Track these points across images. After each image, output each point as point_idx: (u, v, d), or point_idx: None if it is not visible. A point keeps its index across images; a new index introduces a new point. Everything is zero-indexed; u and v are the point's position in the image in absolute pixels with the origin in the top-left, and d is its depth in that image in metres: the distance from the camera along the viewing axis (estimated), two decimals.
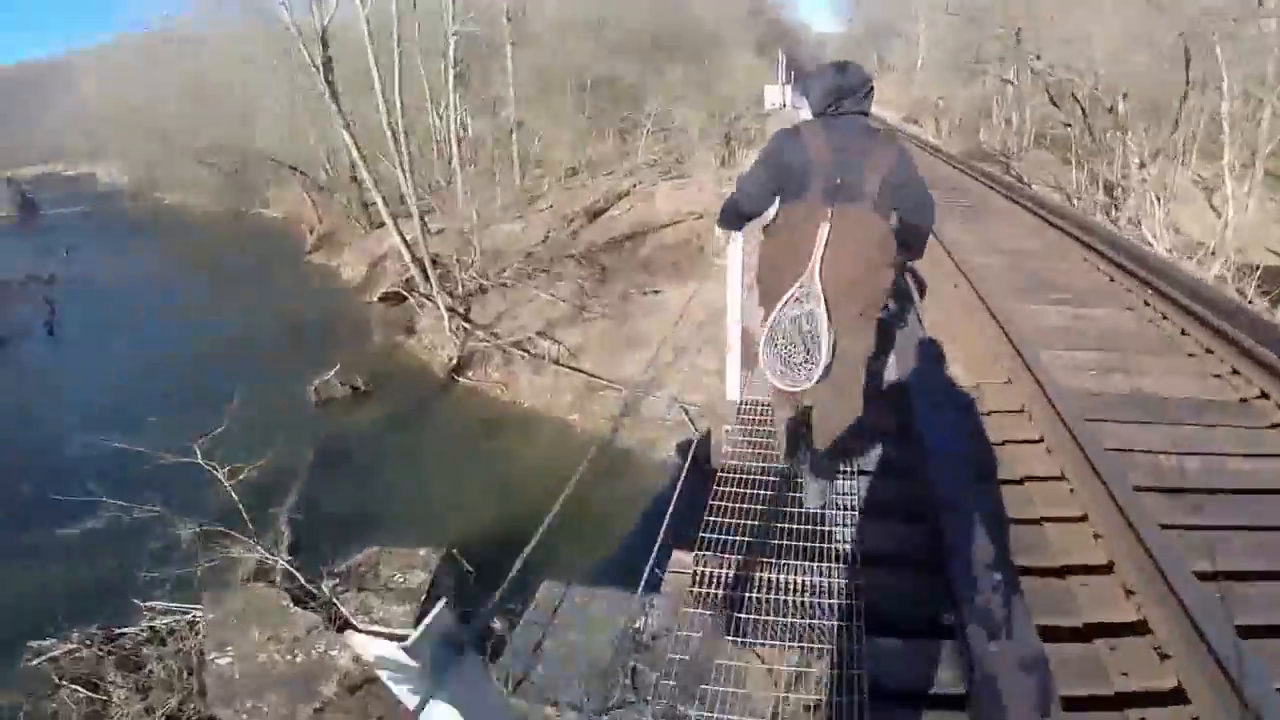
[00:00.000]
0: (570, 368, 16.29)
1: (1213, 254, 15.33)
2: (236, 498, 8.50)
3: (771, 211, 3.33)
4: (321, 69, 18.22)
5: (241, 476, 9.00)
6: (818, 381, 3.10)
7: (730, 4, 46.07)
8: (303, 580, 7.41)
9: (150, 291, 25.55)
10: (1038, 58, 24.90)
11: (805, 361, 3.05)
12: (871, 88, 3.13)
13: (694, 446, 4.99)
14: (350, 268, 25.90)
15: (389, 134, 21.35)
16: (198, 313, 22.58)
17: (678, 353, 14.80)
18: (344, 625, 6.83)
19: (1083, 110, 23.53)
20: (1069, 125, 25.82)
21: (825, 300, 2.98)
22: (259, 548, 7.78)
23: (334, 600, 7.16)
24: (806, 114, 3.26)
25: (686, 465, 4.66)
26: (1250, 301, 11.28)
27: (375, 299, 21.33)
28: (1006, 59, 30.85)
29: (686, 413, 13.48)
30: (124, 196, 44.80)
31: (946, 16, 40.88)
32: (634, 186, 26.05)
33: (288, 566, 7.49)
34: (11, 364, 19.96)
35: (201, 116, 33.91)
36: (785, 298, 3.05)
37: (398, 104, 20.53)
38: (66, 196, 49.72)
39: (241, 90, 32.43)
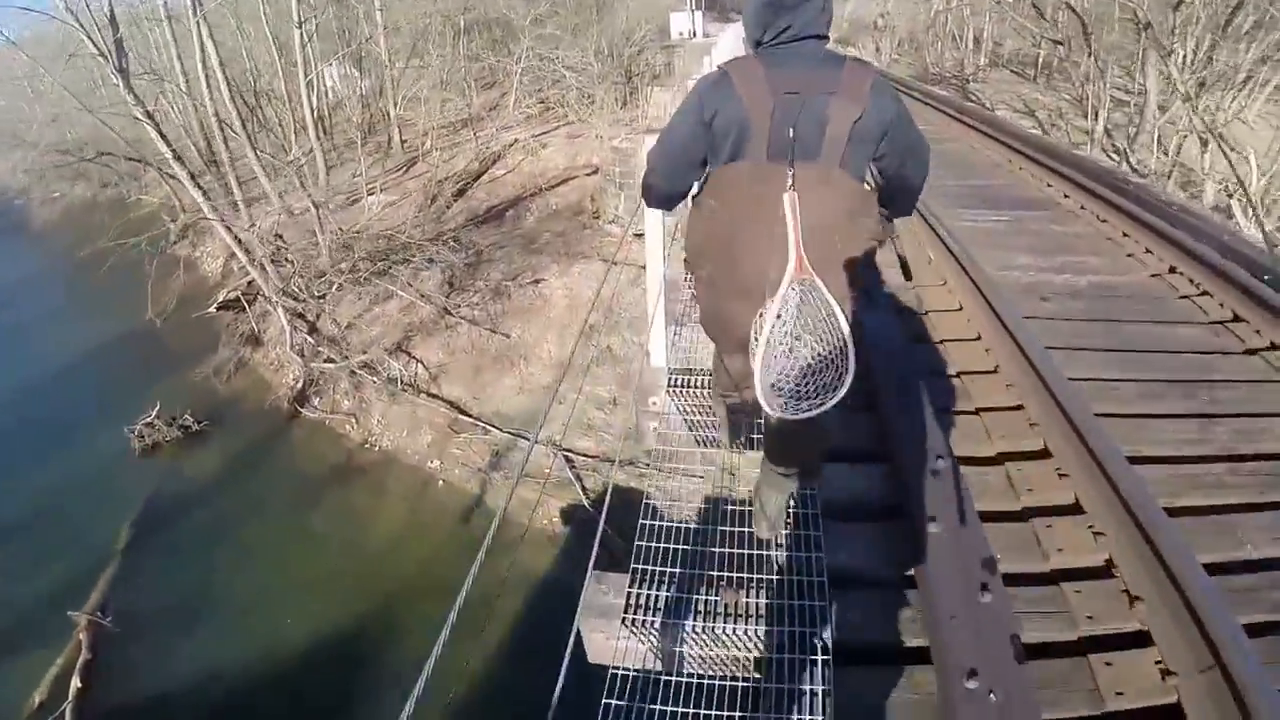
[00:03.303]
0: (430, 396, 14.35)
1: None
2: None
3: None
4: (111, 53, 16.08)
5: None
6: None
7: None
8: None
9: None
10: None
11: (833, 382, 2.27)
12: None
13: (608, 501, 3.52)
14: (211, 260, 23.66)
15: (230, 103, 20.08)
16: (15, 334, 20.83)
17: (560, 371, 13.35)
18: None
19: (1083, 24, 20.47)
20: (1059, 42, 24.31)
21: (828, 291, 2.25)
22: None
23: None
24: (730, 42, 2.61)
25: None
26: None
27: (214, 308, 18.78)
28: None
29: (570, 462, 12.03)
30: (18, 194, 42.24)
31: None
32: (514, 142, 23.96)
33: None
34: None
35: (57, 115, 30.76)
36: (775, 306, 2.28)
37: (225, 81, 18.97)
38: None
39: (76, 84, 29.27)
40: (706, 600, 2.87)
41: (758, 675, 2.72)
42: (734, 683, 2.73)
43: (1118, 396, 4.15)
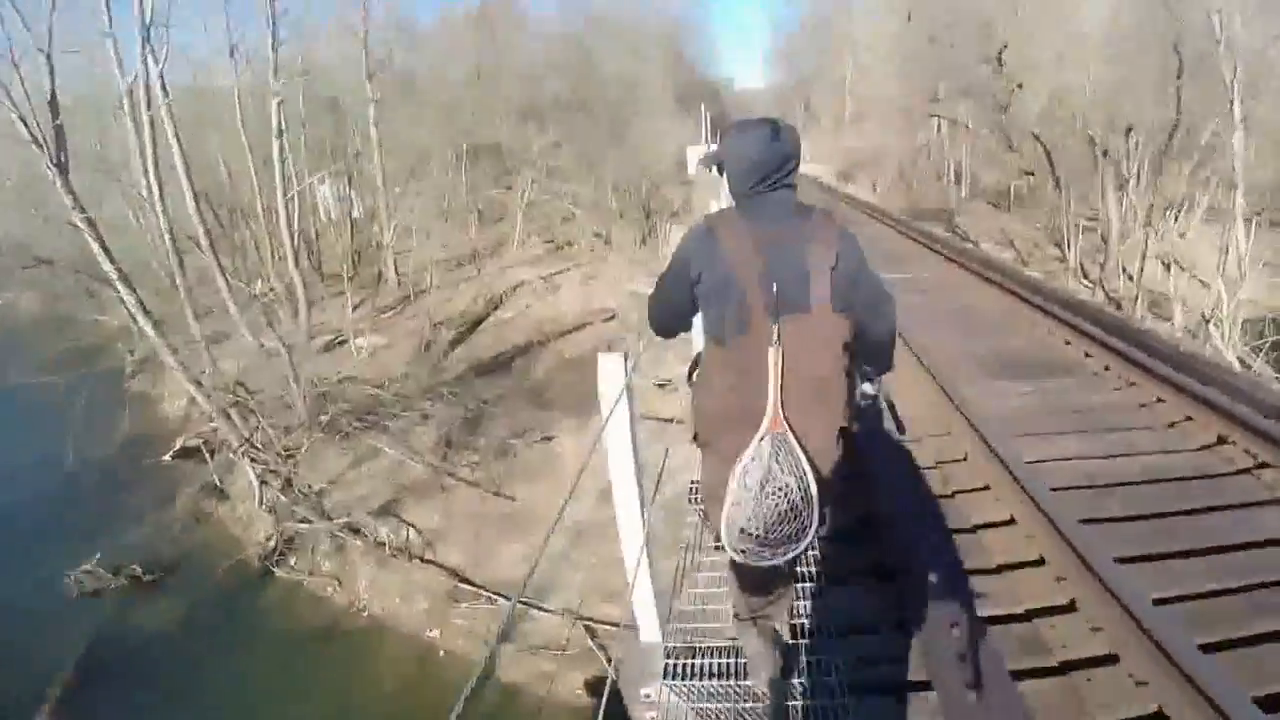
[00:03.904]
0: (425, 561, 13.17)
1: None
2: None
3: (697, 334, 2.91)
4: (48, 143, 14.49)
5: None
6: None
7: (647, 58, 42.82)
8: None
9: None
10: (1019, 85, 23.20)
11: (793, 535, 2.47)
12: (798, 150, 2.65)
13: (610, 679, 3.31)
14: (173, 398, 22.04)
15: (197, 217, 18.48)
16: None
17: (576, 536, 11.84)
18: None
19: (1047, 153, 23.16)
20: (1029, 174, 26.19)
21: (799, 442, 2.45)
22: None
23: None
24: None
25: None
26: None
27: (171, 456, 17.47)
28: (968, 92, 28.95)
29: (591, 633, 11.02)
30: None
31: (882, 59, 38.54)
32: (521, 283, 23.17)
33: None
34: None
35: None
36: (743, 460, 2.46)
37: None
38: None
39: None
40: None
41: None
42: None
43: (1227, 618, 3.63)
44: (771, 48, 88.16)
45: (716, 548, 3.29)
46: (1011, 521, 4.68)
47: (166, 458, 17.42)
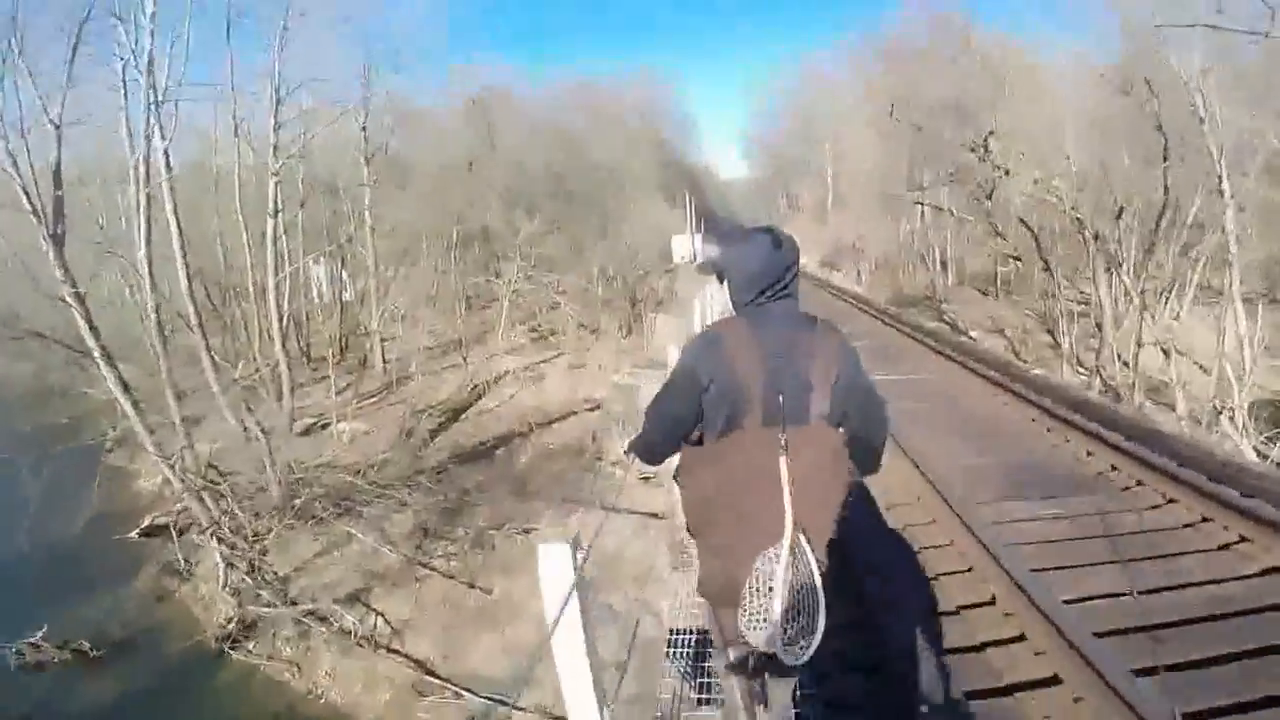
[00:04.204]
0: (392, 651, 12.63)
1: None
2: None
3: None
4: (46, 215, 14.58)
5: None
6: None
7: (633, 147, 43.35)
8: None
9: None
10: (1005, 171, 22.85)
11: (802, 633, 2.53)
12: (798, 262, 2.76)
13: None
14: (148, 476, 21.27)
15: (188, 295, 18.50)
16: None
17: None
18: None
19: (1035, 238, 23.05)
20: (1017, 259, 25.96)
21: (810, 549, 2.56)
22: None
23: None
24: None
25: None
26: None
27: (136, 534, 16.97)
28: (953, 178, 29.35)
29: None
30: None
31: (863, 147, 39.16)
32: (506, 373, 22.88)
33: None
34: None
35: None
36: (758, 569, 2.54)
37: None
38: None
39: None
40: None
41: None
42: None
43: None
44: (751, 137, 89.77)
45: (727, 643, 3.10)
46: (1056, 680, 4.10)
47: (133, 534, 16.92)
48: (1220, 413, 14.28)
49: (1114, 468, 7.31)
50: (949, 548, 5.73)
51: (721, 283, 2.77)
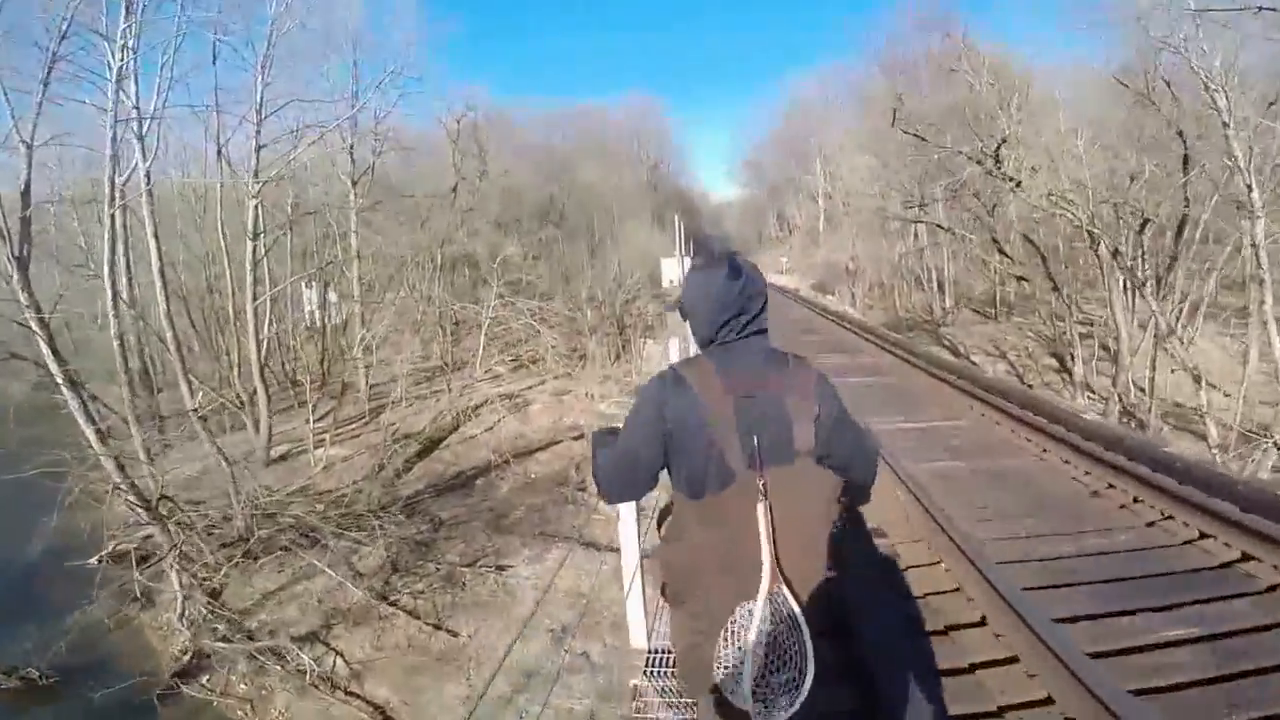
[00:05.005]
0: (349, 693, 11.64)
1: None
2: None
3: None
4: (10, 236, 14.06)
5: None
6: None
7: (623, 170, 43.00)
8: None
9: None
10: (1017, 184, 21.06)
11: (786, 688, 2.27)
12: (765, 293, 2.52)
13: None
14: (118, 501, 19.86)
15: (166, 319, 17.89)
16: None
17: (524, 681, 10.36)
18: None
19: (1042, 257, 22.23)
20: (1023, 279, 24.81)
21: (795, 601, 2.31)
22: None
23: None
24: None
25: None
26: None
27: (96, 560, 15.92)
28: (954, 193, 27.19)
29: None
30: None
31: (858, 166, 38.03)
32: (486, 401, 22.00)
33: None
34: None
35: None
36: (735, 619, 2.29)
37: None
38: None
39: None
40: None
41: None
42: None
43: None
44: (741, 159, 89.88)
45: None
46: None
47: (92, 561, 15.88)
48: (1274, 441, 13.30)
49: (1227, 545, 5.49)
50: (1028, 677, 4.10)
51: (684, 320, 2.53)
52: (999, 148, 21.22)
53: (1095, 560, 5.56)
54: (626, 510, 4.64)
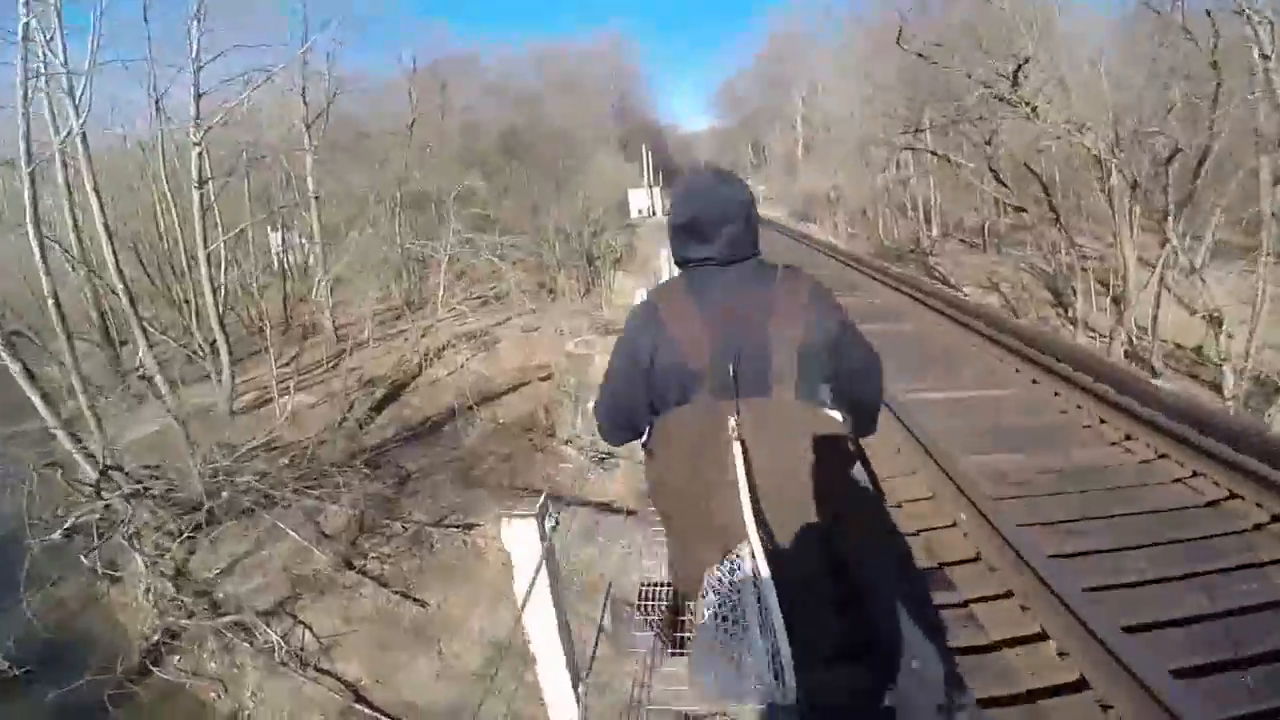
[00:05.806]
0: (319, 671, 11.01)
1: None
2: None
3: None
4: None
5: None
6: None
7: (590, 101, 41.95)
8: None
9: None
10: (1033, 109, 19.44)
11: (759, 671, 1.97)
12: (754, 206, 2.28)
13: None
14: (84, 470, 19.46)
15: (116, 272, 16.79)
16: None
17: (496, 653, 10.00)
18: None
19: (1044, 187, 20.37)
20: (1022, 210, 22.95)
21: (769, 561, 1.97)
22: None
23: None
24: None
25: None
26: None
27: (59, 534, 14.28)
28: (955, 120, 25.21)
29: None
30: None
31: (846, 90, 36.73)
32: (451, 341, 21.22)
33: None
34: None
35: None
36: (707, 581, 2.13)
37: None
38: None
39: None
40: None
41: None
42: None
43: None
44: (718, 88, 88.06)
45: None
46: None
47: (55, 535, 14.04)
48: None
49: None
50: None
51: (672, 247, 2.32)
52: (1019, 68, 19.21)
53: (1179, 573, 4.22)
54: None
